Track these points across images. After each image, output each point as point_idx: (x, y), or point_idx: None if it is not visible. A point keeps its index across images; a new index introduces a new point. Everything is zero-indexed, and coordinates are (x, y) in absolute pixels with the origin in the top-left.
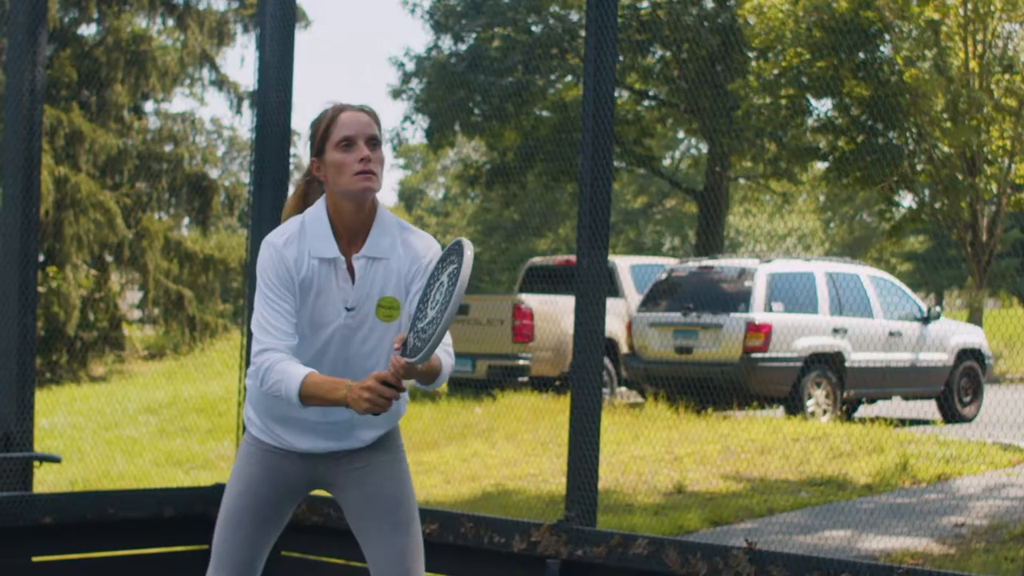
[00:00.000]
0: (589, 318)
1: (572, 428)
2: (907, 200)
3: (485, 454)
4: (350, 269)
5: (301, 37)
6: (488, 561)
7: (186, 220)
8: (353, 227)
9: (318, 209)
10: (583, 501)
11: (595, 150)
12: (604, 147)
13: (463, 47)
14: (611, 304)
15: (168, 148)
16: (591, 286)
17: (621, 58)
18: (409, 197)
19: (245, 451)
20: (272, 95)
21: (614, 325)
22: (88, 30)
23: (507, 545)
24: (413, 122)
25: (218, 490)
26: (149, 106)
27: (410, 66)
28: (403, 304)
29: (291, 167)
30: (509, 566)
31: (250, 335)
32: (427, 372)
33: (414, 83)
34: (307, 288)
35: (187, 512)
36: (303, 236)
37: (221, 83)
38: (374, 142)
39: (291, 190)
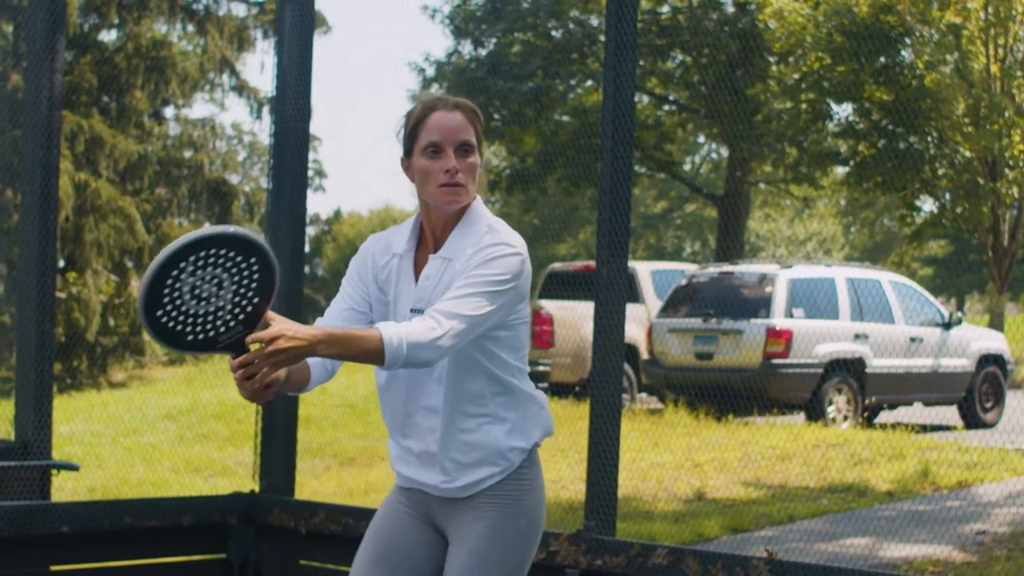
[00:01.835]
0: (609, 325)
1: (591, 437)
2: (928, 205)
3: None
4: (418, 268)
5: (320, 42)
6: None
7: (206, 225)
8: (441, 227)
9: (417, 212)
10: (602, 510)
11: (614, 158)
12: (624, 155)
13: (483, 52)
14: (631, 310)
15: (188, 154)
16: (611, 294)
17: (641, 63)
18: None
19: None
20: (290, 102)
21: (634, 331)
22: (108, 36)
23: None
24: None
25: (236, 499)
26: (169, 112)
27: (430, 71)
28: None
29: (310, 172)
30: None
31: None
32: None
33: (434, 88)
34: (387, 284)
35: (205, 521)
36: (396, 231)
37: (241, 89)
38: (465, 148)
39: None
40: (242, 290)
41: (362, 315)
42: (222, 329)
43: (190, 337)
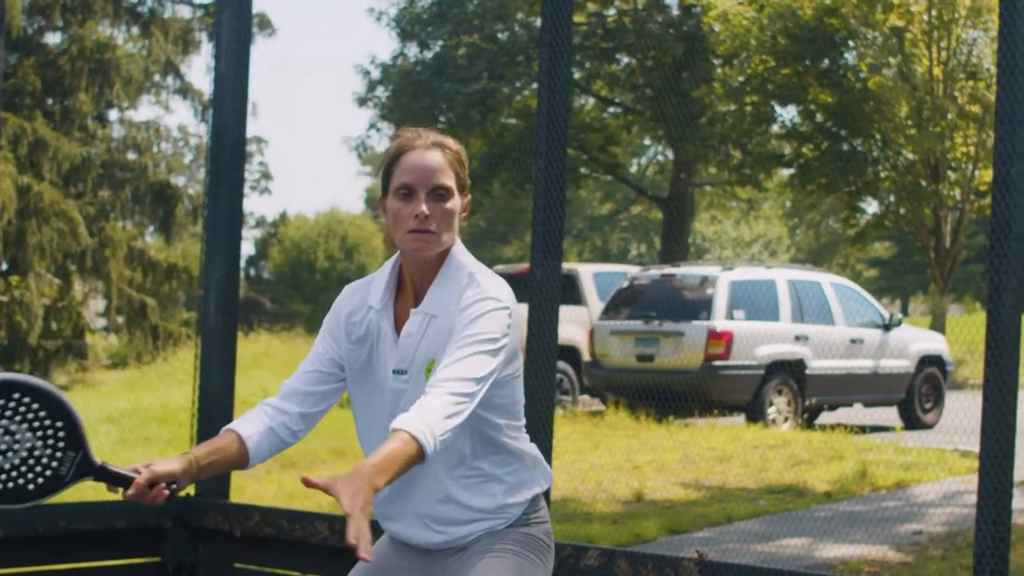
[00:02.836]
0: (542, 328)
1: None
2: (872, 206)
3: None
4: (398, 322)
5: (266, 45)
6: None
7: (150, 228)
8: (419, 277)
9: (398, 252)
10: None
11: (549, 161)
12: (558, 158)
13: (429, 55)
14: (573, 312)
15: (132, 156)
16: (545, 296)
17: (587, 65)
18: (376, 204)
19: None
20: (227, 106)
21: (576, 333)
22: (53, 38)
23: None
24: (379, 130)
25: (171, 502)
26: (113, 114)
27: (375, 74)
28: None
29: (257, 175)
30: None
31: (205, 343)
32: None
33: (380, 91)
34: (363, 342)
35: (139, 524)
36: (374, 281)
37: (186, 91)
38: (440, 192)
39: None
40: (36, 424)
41: (327, 376)
42: (55, 464)
43: (31, 487)
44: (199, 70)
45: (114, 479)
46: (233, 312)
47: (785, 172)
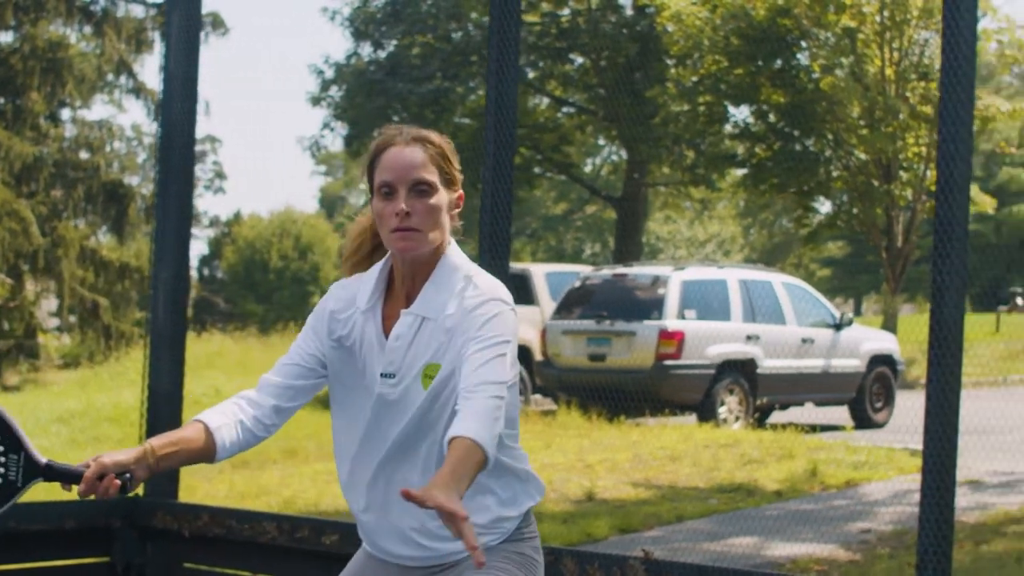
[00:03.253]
0: None
1: None
2: (825, 206)
3: None
4: (387, 324)
5: (219, 44)
6: None
7: (103, 228)
8: (410, 277)
9: (389, 253)
10: None
11: (496, 162)
12: (506, 159)
13: (383, 55)
14: (525, 312)
15: (84, 156)
16: None
17: (541, 65)
18: (330, 204)
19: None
20: (177, 105)
21: (528, 333)
22: (5, 37)
23: None
24: (332, 129)
25: (120, 502)
26: (66, 114)
27: (329, 73)
28: (454, 370)
29: (211, 174)
30: None
31: (154, 344)
32: None
33: (333, 90)
34: (349, 343)
35: (89, 524)
36: (363, 281)
37: (139, 90)
38: (422, 188)
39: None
40: None
41: (307, 371)
42: (1, 471)
43: None
44: (152, 69)
45: (63, 476)
46: (182, 312)
47: (738, 172)
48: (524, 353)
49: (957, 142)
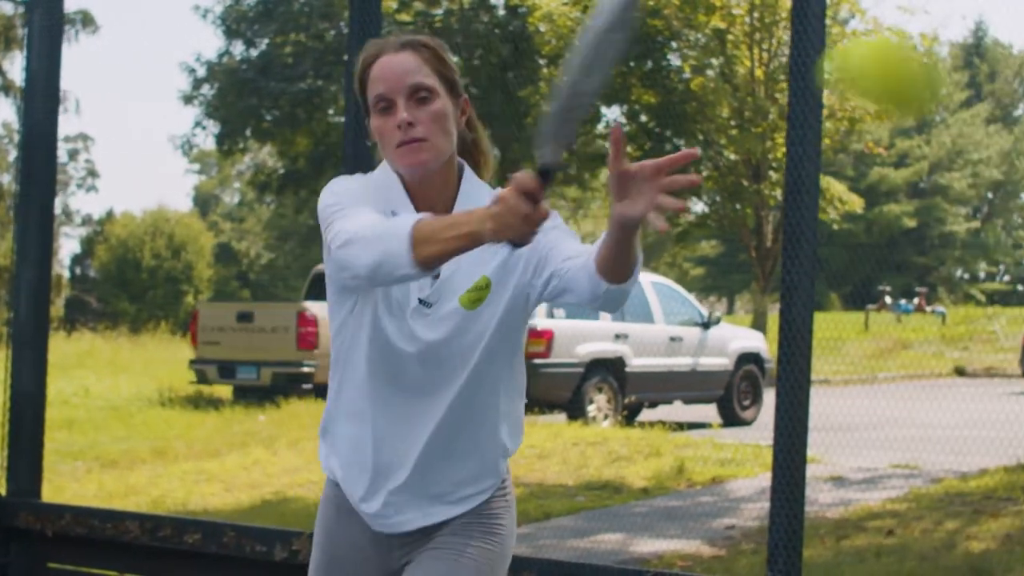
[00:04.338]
0: None
1: None
2: (697, 206)
3: (267, 462)
4: None
5: (90, 41)
6: (250, 571)
7: None
8: (429, 198)
9: (384, 171)
10: None
11: (356, 165)
12: (365, 161)
13: (255, 53)
14: None
15: None
16: None
17: None
18: (204, 202)
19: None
20: (39, 104)
21: None
22: None
23: (269, 554)
24: (204, 128)
25: None
26: None
27: (201, 72)
28: (510, 286)
29: (83, 172)
30: (271, 575)
31: (16, 344)
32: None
33: (205, 89)
34: None
35: None
36: (377, 184)
37: (7, 88)
38: (421, 95)
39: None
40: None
41: None
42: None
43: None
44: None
45: None
46: (45, 312)
47: None
48: None
49: (805, 145)
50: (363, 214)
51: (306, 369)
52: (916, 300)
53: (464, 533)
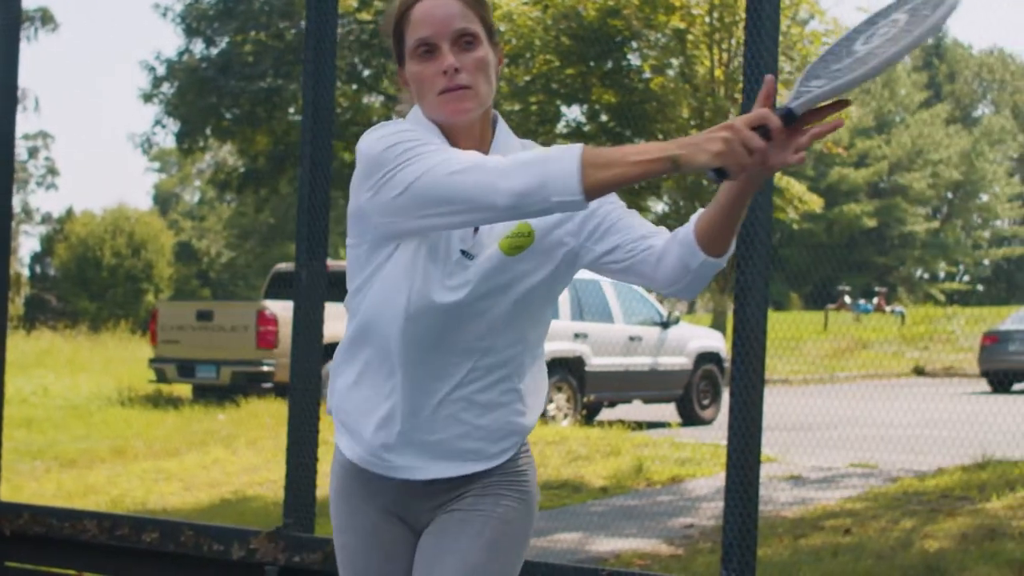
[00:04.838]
0: (307, 328)
1: (290, 437)
2: (658, 206)
3: (226, 461)
4: None
5: (48, 39)
6: (208, 569)
7: None
8: (465, 145)
9: (417, 120)
10: (301, 508)
11: (313, 163)
12: (323, 159)
13: (215, 51)
14: (342, 310)
15: None
16: (310, 297)
17: (375, 64)
18: (164, 201)
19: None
20: None
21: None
22: None
23: (226, 553)
24: (164, 126)
25: None
26: None
27: (161, 70)
28: (555, 241)
29: (43, 170)
30: (228, 574)
31: None
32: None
33: (165, 87)
34: None
35: None
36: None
37: None
38: (468, 39)
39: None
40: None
41: None
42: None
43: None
44: None
45: None
46: (3, 310)
47: None
48: None
49: None
50: (451, 149)
51: (266, 368)
52: (876, 300)
53: (494, 492)
